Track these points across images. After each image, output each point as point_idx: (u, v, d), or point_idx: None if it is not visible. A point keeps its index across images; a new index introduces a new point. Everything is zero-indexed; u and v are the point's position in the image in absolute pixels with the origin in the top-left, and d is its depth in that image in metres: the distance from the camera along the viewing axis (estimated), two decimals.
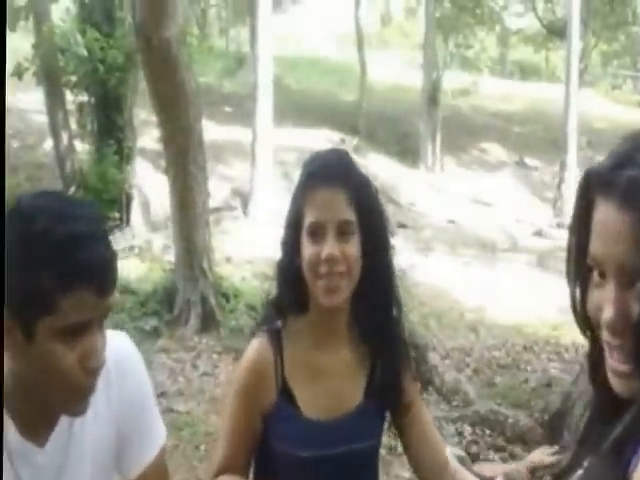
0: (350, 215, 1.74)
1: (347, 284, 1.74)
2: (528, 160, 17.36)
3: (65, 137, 11.10)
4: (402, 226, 12.10)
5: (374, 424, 1.88)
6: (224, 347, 6.85)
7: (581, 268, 1.14)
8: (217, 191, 12.40)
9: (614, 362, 1.11)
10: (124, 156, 10.67)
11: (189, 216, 7.31)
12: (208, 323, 7.25)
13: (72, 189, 10.47)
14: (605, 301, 1.08)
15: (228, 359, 6.59)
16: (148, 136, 11.57)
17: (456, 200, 14.53)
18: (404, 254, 1.81)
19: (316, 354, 1.83)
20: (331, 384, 1.83)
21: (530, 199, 15.47)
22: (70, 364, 1.22)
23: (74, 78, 10.72)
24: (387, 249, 1.84)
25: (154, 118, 7.70)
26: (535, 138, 18.09)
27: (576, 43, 16.05)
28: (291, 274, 1.78)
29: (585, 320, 1.15)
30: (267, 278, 6.97)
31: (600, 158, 1.21)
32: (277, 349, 1.80)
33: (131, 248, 10.07)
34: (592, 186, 1.12)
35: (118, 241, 10.08)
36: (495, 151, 17.77)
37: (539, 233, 13.21)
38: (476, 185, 15.37)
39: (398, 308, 1.87)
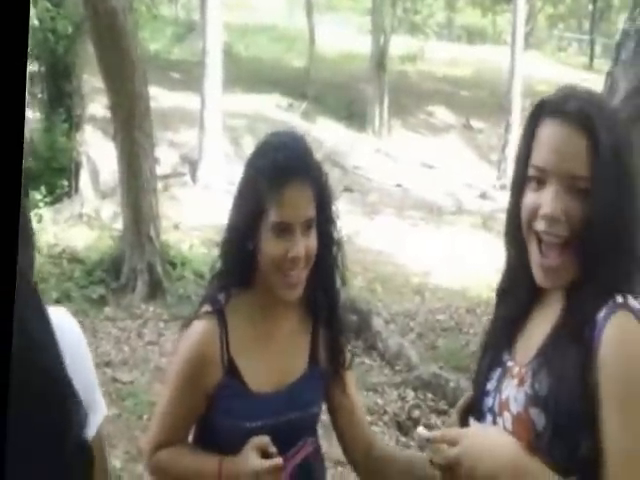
0: (313, 211, 1.74)
1: (305, 273, 1.76)
2: (474, 123, 17.53)
3: None
4: (348, 190, 12.19)
5: (316, 392, 1.91)
6: (171, 315, 6.89)
7: (520, 180, 1.42)
8: (166, 158, 12.37)
9: (545, 259, 1.38)
10: (73, 124, 10.58)
11: (136, 183, 7.32)
12: (155, 291, 7.28)
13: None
14: (544, 199, 1.35)
15: (175, 327, 6.62)
16: (99, 103, 11.47)
17: (403, 164, 14.65)
18: (350, 218, 1.77)
19: (261, 328, 1.84)
20: (276, 357, 1.84)
21: (476, 161, 15.67)
22: None
23: None
24: (335, 229, 1.85)
25: (103, 84, 7.67)
26: (481, 101, 18.24)
27: (522, 6, 16.20)
28: (241, 257, 1.77)
29: (517, 228, 1.43)
30: (215, 245, 7.05)
31: None
32: (222, 329, 1.78)
33: (80, 216, 10.05)
34: (542, 112, 1.41)
35: (67, 209, 10.06)
36: (442, 114, 17.91)
37: (484, 195, 13.39)
38: (423, 148, 15.51)
39: (342, 279, 1.89)
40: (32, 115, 11.07)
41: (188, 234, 9.70)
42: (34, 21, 9.84)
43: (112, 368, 5.69)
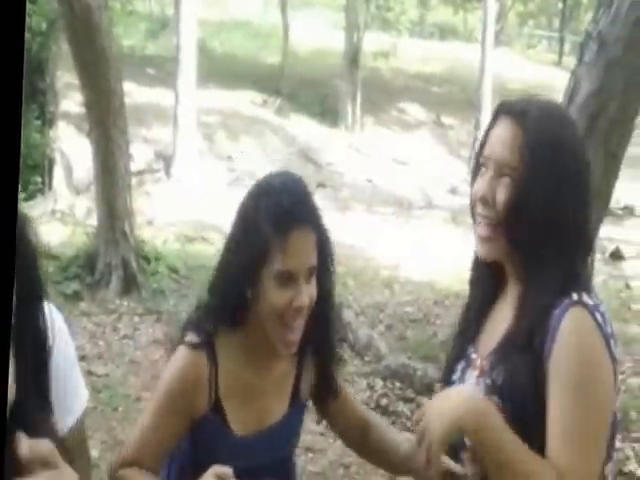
0: (315, 259, 1.69)
1: (303, 326, 1.70)
2: (445, 119, 17.69)
3: None
4: (321, 186, 12.30)
5: (296, 429, 1.91)
6: (145, 309, 6.98)
7: (475, 171, 1.62)
8: (140, 154, 12.39)
9: (480, 229, 1.57)
10: (46, 121, 10.61)
11: (111, 180, 7.36)
12: (129, 286, 7.34)
13: None
14: (480, 183, 1.57)
15: (149, 321, 6.73)
16: (72, 100, 11.48)
17: (375, 159, 14.76)
18: (323, 214, 1.79)
19: (249, 371, 1.78)
20: (262, 402, 1.80)
21: (446, 157, 15.83)
22: None
23: None
24: (333, 274, 1.81)
25: (77, 81, 7.71)
26: (452, 98, 18.41)
27: (492, 4, 16.39)
28: (236, 301, 1.70)
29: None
30: (189, 240, 7.17)
31: None
32: (212, 366, 1.73)
33: (53, 212, 10.07)
34: (499, 111, 1.61)
35: (40, 206, 10.08)
36: (413, 111, 18.05)
37: (454, 191, 13.45)
38: (394, 144, 15.65)
39: (334, 324, 1.86)
40: None
41: (162, 230, 9.77)
42: None
43: (87, 362, 5.74)
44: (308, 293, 1.66)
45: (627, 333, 6.75)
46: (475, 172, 1.63)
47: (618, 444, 4.37)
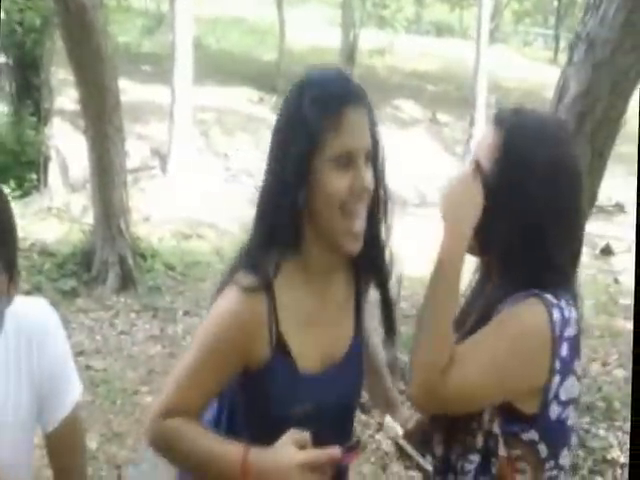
0: (370, 142, 1.58)
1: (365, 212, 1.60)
2: (440, 116, 17.75)
3: None
4: None
5: (359, 367, 1.78)
6: (142, 305, 7.02)
7: None
8: (136, 151, 12.42)
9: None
10: (41, 117, 10.62)
11: (106, 177, 7.37)
12: (126, 283, 7.38)
13: None
14: None
15: (146, 317, 6.78)
16: (67, 97, 11.50)
17: None
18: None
19: (311, 301, 1.65)
20: (325, 332, 1.67)
21: (441, 154, 15.89)
22: None
23: None
24: (384, 163, 1.68)
25: (72, 77, 7.73)
26: (447, 95, 18.48)
27: (487, 1, 16.44)
28: (289, 216, 1.55)
29: None
30: (185, 237, 7.23)
31: None
32: (271, 302, 1.58)
33: (49, 209, 10.08)
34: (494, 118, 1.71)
35: (36, 203, 10.11)
36: (409, 108, 18.11)
37: None
38: (390, 142, 15.65)
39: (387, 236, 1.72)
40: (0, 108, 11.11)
41: (158, 227, 9.81)
42: (0, 13, 9.89)
43: (85, 357, 5.81)
44: (369, 176, 1.56)
45: (613, 327, 6.89)
46: None
47: (602, 432, 4.43)
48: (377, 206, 1.64)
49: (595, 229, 9.60)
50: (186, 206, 10.62)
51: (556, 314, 1.57)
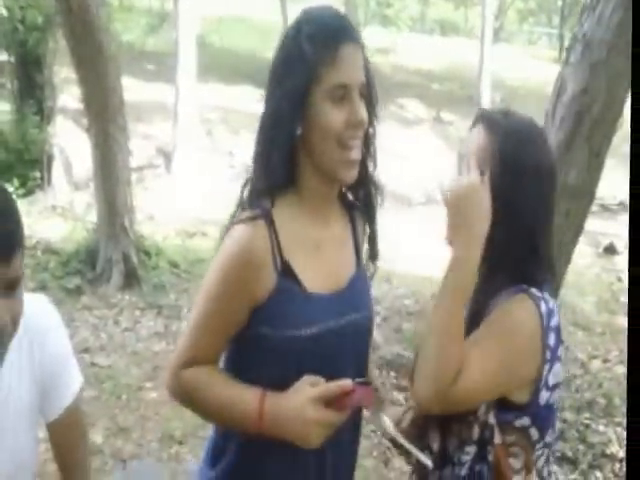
0: (364, 77, 1.64)
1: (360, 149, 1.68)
2: (444, 115, 17.77)
3: None
4: None
5: (366, 294, 1.84)
6: (146, 303, 7.05)
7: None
8: (140, 149, 12.46)
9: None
10: (44, 116, 10.62)
11: (110, 175, 7.39)
12: (130, 281, 7.40)
13: None
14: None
15: (150, 315, 6.81)
16: (70, 95, 11.53)
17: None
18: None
19: (311, 229, 1.71)
20: (328, 257, 1.73)
21: (446, 153, 15.90)
22: None
23: None
24: (377, 113, 1.74)
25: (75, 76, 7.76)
26: (452, 94, 18.50)
27: (492, 0, 16.47)
28: (285, 148, 1.62)
29: None
30: (189, 236, 7.28)
31: None
32: (272, 231, 1.63)
33: (53, 208, 10.10)
34: (477, 118, 1.79)
35: (40, 201, 10.15)
36: (413, 107, 18.14)
37: None
38: (394, 141, 15.73)
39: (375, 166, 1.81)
40: (2, 106, 11.12)
41: (163, 225, 9.84)
42: (2, 11, 9.91)
43: (90, 354, 5.87)
44: (363, 110, 1.62)
45: (614, 324, 6.93)
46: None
47: (602, 428, 4.48)
48: (367, 141, 1.72)
49: (599, 227, 9.64)
50: (190, 204, 10.66)
51: (543, 307, 1.66)
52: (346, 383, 1.53)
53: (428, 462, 1.78)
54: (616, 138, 3.48)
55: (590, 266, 9.19)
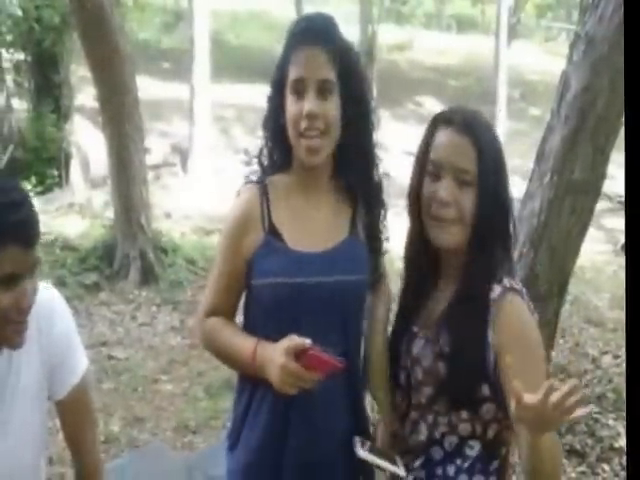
0: (330, 75, 1.82)
1: (327, 143, 1.84)
2: None
3: (2, 96, 11.03)
4: None
5: (360, 258, 1.94)
6: (163, 299, 7.14)
7: (419, 173, 1.85)
8: (156, 147, 12.58)
9: (442, 228, 1.80)
10: (62, 114, 10.71)
11: (126, 174, 7.49)
12: (147, 277, 7.50)
13: (11, 148, 10.50)
14: (440, 188, 1.79)
15: (166, 310, 6.90)
16: (86, 93, 11.62)
17: (391, 153, 14.82)
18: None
19: (301, 201, 1.93)
20: (317, 224, 1.92)
21: None
22: (7, 306, 1.53)
23: (10, 37, 10.73)
24: (367, 111, 1.93)
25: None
26: (469, 91, 18.43)
27: None
28: (276, 131, 1.90)
29: (415, 206, 1.87)
30: (205, 233, 7.37)
31: (532, 110, 1.79)
32: (264, 197, 1.91)
33: (71, 205, 10.19)
34: (436, 122, 1.84)
35: (58, 199, 10.25)
36: (430, 104, 18.08)
37: None
38: (410, 138, 15.70)
39: (376, 166, 1.98)
40: (20, 105, 11.23)
41: (179, 222, 9.94)
42: (18, 11, 10.00)
43: (108, 347, 6.01)
44: (320, 106, 1.80)
45: None
46: (419, 177, 1.86)
47: (611, 422, 4.50)
48: (349, 132, 1.88)
49: (617, 225, 9.60)
50: (206, 202, 10.73)
51: (526, 299, 1.79)
52: (304, 341, 1.71)
53: (401, 472, 1.83)
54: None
55: (608, 263, 9.18)
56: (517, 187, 4.63)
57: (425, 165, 1.85)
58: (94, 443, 1.94)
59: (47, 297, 1.77)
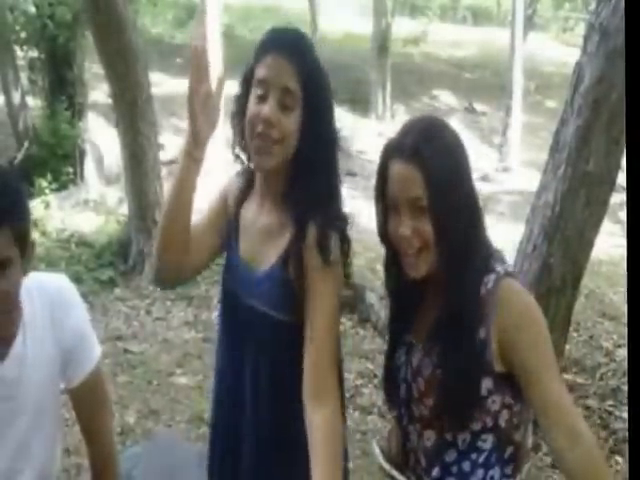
0: (294, 85, 1.83)
1: (279, 151, 1.84)
2: (477, 106, 17.62)
3: (17, 94, 11.03)
4: (351, 174, 12.37)
5: (278, 294, 1.88)
6: (177, 295, 7.13)
7: (383, 210, 1.79)
8: (170, 144, 12.59)
9: (410, 258, 1.75)
10: (76, 111, 10.72)
11: (140, 170, 7.49)
12: None
13: (25, 144, 10.54)
14: (401, 226, 1.73)
15: (181, 305, 6.92)
16: (99, 90, 11.66)
17: None
18: (353, 201, 1.96)
19: (257, 211, 1.97)
20: (260, 238, 1.95)
21: (478, 144, 15.80)
22: None
23: (24, 35, 10.76)
24: (328, 122, 1.90)
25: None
26: (484, 84, 18.34)
27: None
28: (242, 129, 1.93)
29: (386, 239, 1.81)
30: None
31: (548, 102, 1.74)
32: (243, 195, 2.04)
33: (86, 202, 10.21)
34: (388, 153, 1.77)
35: (73, 195, 10.27)
36: (445, 98, 18.03)
37: (485, 178, 13.41)
38: None
39: (336, 180, 1.91)
40: (34, 102, 11.27)
41: (193, 218, 9.93)
42: (31, 8, 10.02)
43: (123, 341, 6.07)
44: (278, 116, 1.83)
45: None
46: (383, 211, 1.80)
47: (625, 415, 4.47)
48: (306, 149, 1.86)
49: None
50: None
51: (518, 276, 1.79)
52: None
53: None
54: None
55: (624, 257, 9.11)
56: (534, 180, 4.57)
57: (385, 201, 1.79)
58: (109, 433, 1.97)
59: (62, 288, 1.83)
